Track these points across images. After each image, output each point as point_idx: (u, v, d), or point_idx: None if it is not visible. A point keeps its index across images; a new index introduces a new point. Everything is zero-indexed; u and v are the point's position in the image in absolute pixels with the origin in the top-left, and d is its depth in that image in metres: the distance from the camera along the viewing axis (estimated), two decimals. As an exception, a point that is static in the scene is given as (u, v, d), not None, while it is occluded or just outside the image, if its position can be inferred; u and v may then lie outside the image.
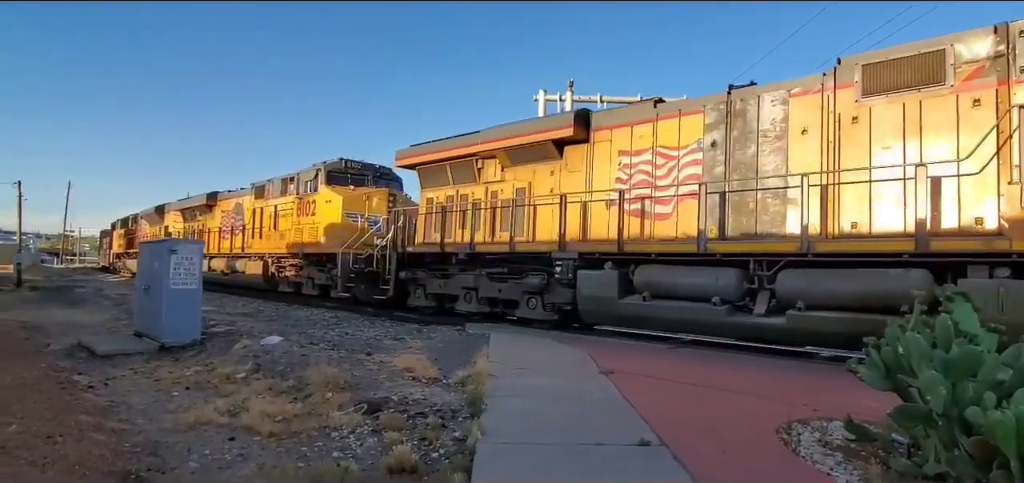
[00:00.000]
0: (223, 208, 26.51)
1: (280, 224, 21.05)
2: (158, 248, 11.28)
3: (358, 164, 19.65)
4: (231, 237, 25.02)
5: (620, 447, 4.08)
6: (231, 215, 25.59)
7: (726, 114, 9.89)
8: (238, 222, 24.63)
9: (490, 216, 13.72)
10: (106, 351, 9.39)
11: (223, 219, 26.33)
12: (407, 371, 7.35)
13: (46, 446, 4.43)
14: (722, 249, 9.37)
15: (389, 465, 4.19)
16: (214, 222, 27.12)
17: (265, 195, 22.46)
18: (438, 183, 15.29)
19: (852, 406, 4.63)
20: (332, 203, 18.48)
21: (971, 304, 3.99)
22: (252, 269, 22.37)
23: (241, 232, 24.09)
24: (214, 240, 26.36)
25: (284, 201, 21.02)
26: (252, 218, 23.11)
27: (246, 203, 24.06)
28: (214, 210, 27.27)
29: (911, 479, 3.52)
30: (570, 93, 22.88)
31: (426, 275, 15.01)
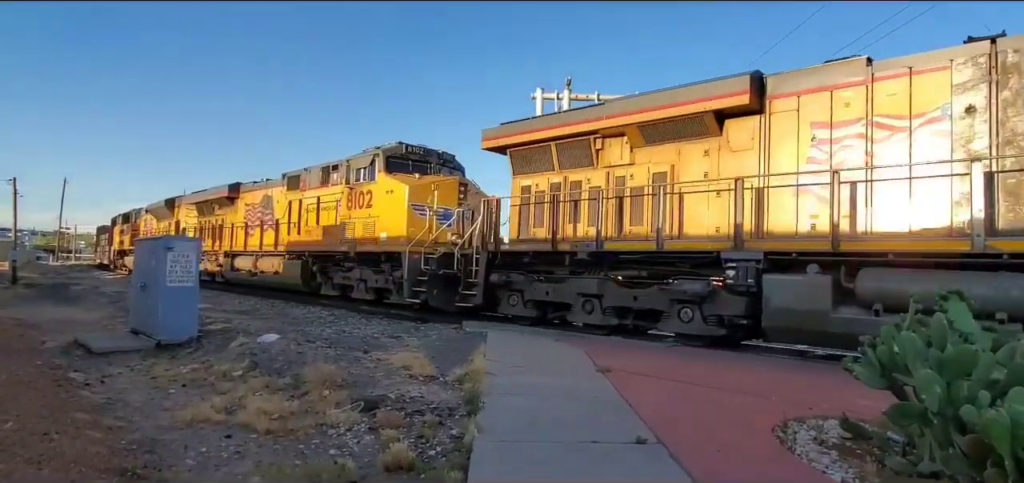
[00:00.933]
0: (247, 201, 23.66)
1: (323, 218, 18.38)
2: (155, 245, 11.24)
3: (419, 149, 16.83)
4: (260, 232, 22.01)
5: (616, 445, 4.09)
6: (258, 209, 22.71)
7: (989, 69, 7.76)
8: (267, 216, 21.81)
9: (615, 207, 11.44)
10: (102, 348, 9.37)
11: (248, 213, 23.45)
12: (404, 369, 7.35)
13: (42, 443, 4.41)
14: (1011, 247, 7.09)
15: (386, 463, 4.20)
16: (236, 216, 24.35)
17: (302, 186, 19.74)
18: (538, 167, 12.90)
19: (848, 405, 4.65)
20: (395, 194, 15.58)
21: (966, 302, 4.01)
22: (287, 269, 19.74)
23: (273, 227, 21.15)
24: (237, 236, 23.81)
25: (328, 192, 18.28)
26: (288, 211, 20.21)
27: (277, 195, 21.30)
28: (236, 203, 24.56)
29: (906, 477, 3.54)
30: (568, 91, 22.89)
31: (524, 279, 12.51)
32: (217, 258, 25.72)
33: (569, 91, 22.88)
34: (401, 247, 14.54)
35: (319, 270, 18.53)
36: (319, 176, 18.88)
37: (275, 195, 21.50)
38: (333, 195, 17.95)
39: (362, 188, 16.74)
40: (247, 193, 23.97)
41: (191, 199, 29.47)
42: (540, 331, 11.28)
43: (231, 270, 23.74)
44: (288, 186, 20.55)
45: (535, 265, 12.45)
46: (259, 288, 21.62)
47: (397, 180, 15.72)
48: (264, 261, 21.34)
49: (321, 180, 18.74)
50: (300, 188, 19.80)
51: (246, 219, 23.58)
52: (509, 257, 12.92)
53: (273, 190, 21.76)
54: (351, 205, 17.07)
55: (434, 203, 15.03)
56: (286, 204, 20.48)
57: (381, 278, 15.83)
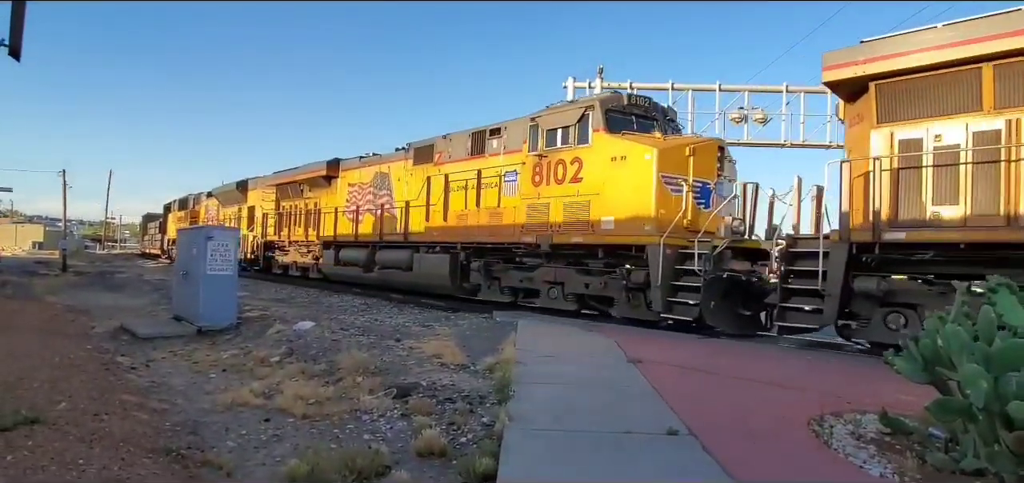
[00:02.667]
0: (350, 180, 19.39)
1: (484, 198, 13.79)
2: (196, 235, 11.62)
3: (643, 101, 12.30)
4: (378, 218, 17.61)
5: (648, 436, 4.07)
6: (367, 189, 18.48)
7: None
8: (383, 198, 17.57)
9: None
10: (147, 334, 9.76)
11: (352, 194, 19.15)
12: (435, 357, 7.45)
13: (93, 423, 4.63)
14: None
15: (418, 449, 4.28)
16: (335, 198, 20.01)
17: (438, 158, 15.44)
18: (936, 109, 7.67)
19: (885, 399, 4.53)
20: (632, 161, 10.70)
21: (1016, 296, 3.86)
22: (425, 265, 15.16)
23: (397, 211, 16.75)
24: (341, 223, 19.44)
25: (488, 164, 13.79)
26: (423, 191, 15.60)
27: (398, 171, 17.03)
28: (335, 184, 20.28)
29: (948, 474, 3.44)
30: (600, 80, 22.65)
31: (924, 289, 7.82)
32: (309, 249, 21.92)
33: (601, 79, 22.66)
34: (647, 237, 10.19)
35: (483, 267, 13.78)
36: (467, 144, 14.48)
37: (394, 171, 17.22)
38: (495, 168, 13.53)
39: (562, 155, 11.86)
40: (350, 171, 19.62)
41: (270, 181, 25.35)
42: (570, 320, 11.25)
43: (335, 264, 19.10)
44: (415, 159, 16.27)
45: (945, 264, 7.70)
46: (376, 288, 17.57)
47: (632, 141, 10.97)
48: (388, 254, 16.71)
49: (471, 149, 14.35)
50: (435, 161, 15.45)
51: (351, 202, 19.17)
52: (898, 251, 8.02)
53: (391, 165, 17.43)
54: (540, 179, 12.33)
55: (690, 174, 10.61)
56: (418, 182, 15.91)
57: (597, 281, 11.38)
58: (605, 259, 11.35)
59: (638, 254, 10.54)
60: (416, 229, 15.85)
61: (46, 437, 4.05)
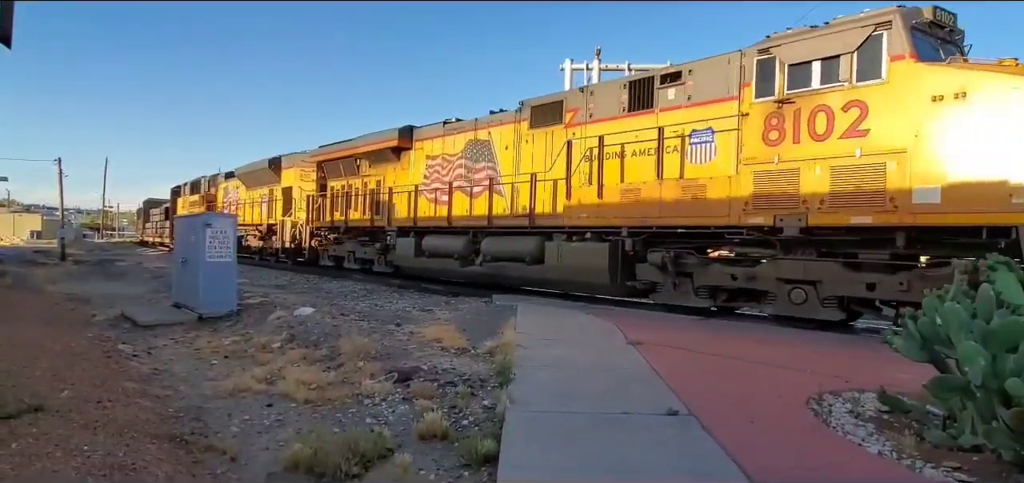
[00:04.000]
0: (430, 151, 15.88)
1: (641, 170, 10.56)
2: (194, 222, 11.60)
3: (948, 16, 8.57)
4: (475, 196, 14.20)
5: (649, 417, 4.10)
6: (455, 162, 15.00)
7: None
8: (481, 171, 14.11)
9: None
10: (148, 321, 9.78)
11: (433, 169, 15.68)
12: (436, 341, 7.48)
13: (97, 410, 4.65)
14: None
15: (421, 432, 4.31)
16: (409, 174, 16.49)
17: (571, 118, 11.90)
18: None
19: (885, 378, 4.57)
20: (978, 100, 7.16)
21: (1015, 274, 3.87)
22: (568, 255, 11.60)
23: (512, 188, 13.16)
24: (418, 204, 15.85)
25: (667, 121, 10.22)
26: (560, 157, 11.93)
27: (502, 136, 13.61)
28: (407, 157, 16.62)
29: (946, 451, 3.48)
30: (597, 61, 22.56)
31: None
32: (374, 237, 17.85)
33: (598, 61, 22.55)
34: (1017, 214, 6.78)
35: (667, 260, 10.06)
36: (622, 97, 10.99)
37: (498, 138, 13.76)
38: (674, 126, 10.09)
39: (824, 99, 8.32)
40: (428, 140, 16.03)
41: (312, 157, 21.30)
42: (570, 303, 11.28)
43: (417, 256, 15.60)
44: (533, 120, 12.81)
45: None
46: (481, 286, 13.82)
47: (980, 70, 7.53)
48: (499, 242, 13.21)
49: (631, 103, 10.86)
50: (567, 121, 11.98)
51: (431, 178, 15.68)
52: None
53: (492, 130, 13.99)
54: (780, 135, 8.75)
55: None
56: (543, 148, 12.53)
57: (892, 280, 7.84)
58: (905, 247, 7.73)
59: (982, 239, 6.94)
60: (546, 210, 12.22)
61: (50, 424, 4.07)
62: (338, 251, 20.03)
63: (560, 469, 3.22)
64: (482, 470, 3.66)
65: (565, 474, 3.17)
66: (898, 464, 3.40)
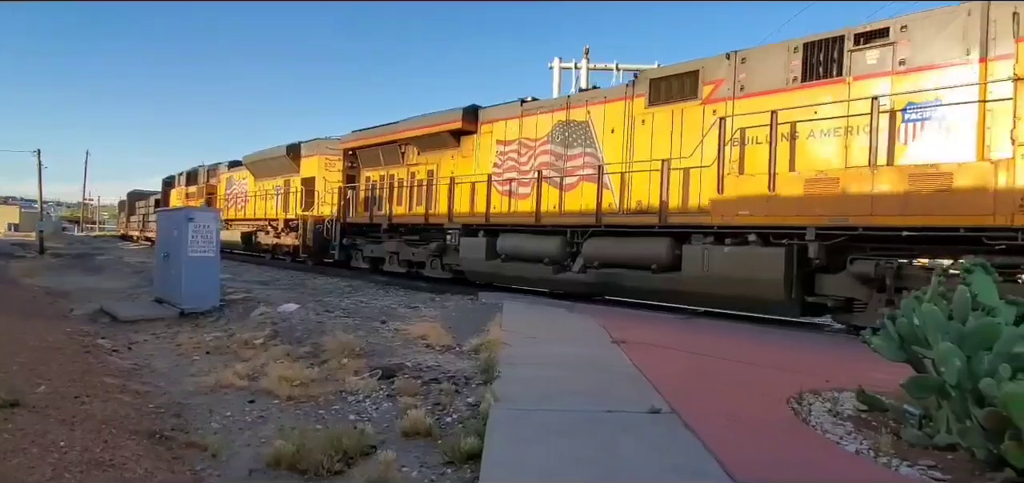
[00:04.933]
0: (502, 135, 13.41)
1: (828, 154, 8.48)
2: (176, 216, 11.46)
3: None
4: (567, 188, 11.93)
5: (631, 414, 4.13)
6: (538, 147, 12.56)
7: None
8: (577, 158, 11.80)
9: None
10: (128, 316, 9.65)
11: (506, 156, 13.26)
12: (421, 338, 7.47)
13: (74, 406, 4.59)
14: None
15: (404, 429, 4.30)
16: (474, 162, 14.03)
17: (712, 92, 9.82)
18: None
19: (864, 378, 4.64)
20: None
21: (991, 276, 3.95)
22: (720, 262, 9.22)
23: (623, 179, 10.88)
24: (491, 198, 13.26)
25: (865, 91, 8.13)
26: (711, 139, 9.55)
27: (606, 116, 11.37)
28: (471, 141, 14.22)
29: (921, 449, 3.54)
30: (586, 61, 22.64)
31: None
32: (428, 236, 15.38)
33: (587, 61, 22.62)
34: None
35: (891, 273, 7.81)
36: (791, 64, 8.89)
37: (601, 117, 11.46)
38: (885, 95, 7.96)
39: None
40: (498, 122, 13.56)
41: (342, 143, 18.93)
42: (556, 302, 11.31)
43: (491, 259, 13.09)
44: (652, 96, 10.63)
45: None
46: (581, 297, 11.38)
47: None
48: (613, 245, 10.84)
49: (807, 70, 8.74)
50: (705, 97, 9.90)
51: (505, 166, 13.26)
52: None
53: (592, 108, 11.68)
54: None
55: None
56: (664, 127, 10.40)
57: None
58: None
59: None
60: (677, 204, 10.01)
61: (27, 420, 4.01)
62: (376, 251, 17.28)
63: (543, 466, 3.23)
64: (465, 467, 3.66)
65: (548, 471, 3.18)
66: (875, 462, 3.45)
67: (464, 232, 13.86)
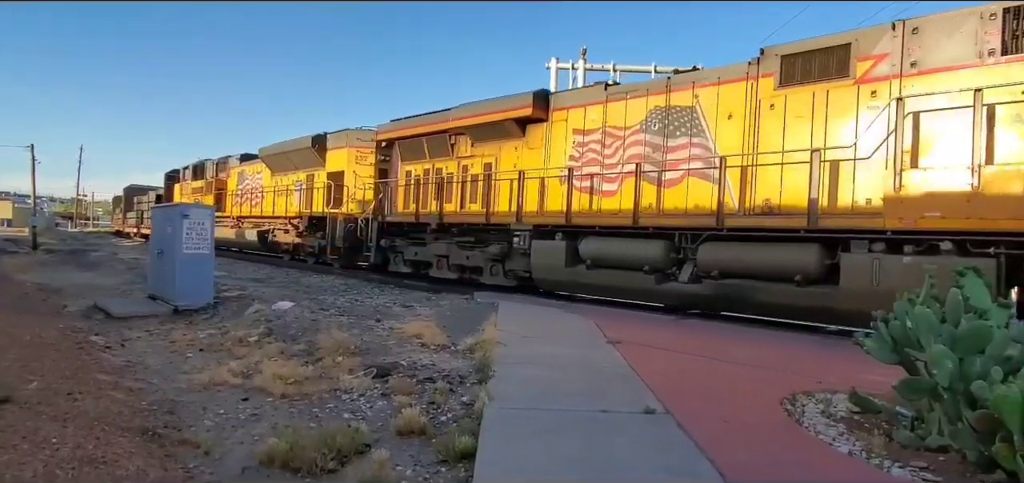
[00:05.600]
0: (580, 123, 11.79)
1: None
2: (170, 213, 11.40)
3: None
4: (656, 182, 10.43)
5: (625, 414, 4.14)
6: (628, 138, 11.01)
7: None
8: (674, 149, 10.34)
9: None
10: (121, 313, 9.59)
11: (584, 147, 11.65)
12: (416, 337, 7.45)
13: (66, 403, 4.56)
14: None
15: (399, 427, 4.29)
16: (546, 153, 12.32)
17: (863, 69, 8.30)
18: None
19: (857, 379, 4.66)
20: None
21: (982, 280, 3.98)
22: (909, 275, 6.97)
23: (733, 174, 9.40)
24: (570, 195, 11.52)
25: None
26: (846, 123, 8.37)
27: (721, 100, 9.78)
28: (539, 132, 12.53)
29: (913, 451, 3.56)
30: (583, 61, 22.65)
31: None
32: (481, 239, 13.69)
33: (584, 61, 22.64)
34: None
35: None
36: (972, 35, 7.53)
37: (709, 102, 9.94)
38: None
39: None
40: (577, 109, 11.94)
41: (378, 133, 17.45)
42: (551, 302, 11.33)
43: (571, 265, 11.46)
44: (783, 76, 9.04)
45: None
46: (686, 311, 10.25)
47: None
48: (736, 251, 9.22)
49: (994, 45, 7.40)
50: (853, 74, 8.35)
51: (582, 158, 11.66)
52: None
53: (697, 91, 10.12)
54: None
55: None
56: (791, 112, 8.92)
57: None
58: None
59: None
60: (828, 205, 8.35)
61: (18, 416, 3.98)
62: (422, 255, 15.46)
63: (537, 466, 3.24)
64: (459, 466, 3.66)
65: (542, 471, 3.18)
66: (867, 463, 3.47)
67: (536, 234, 12.12)
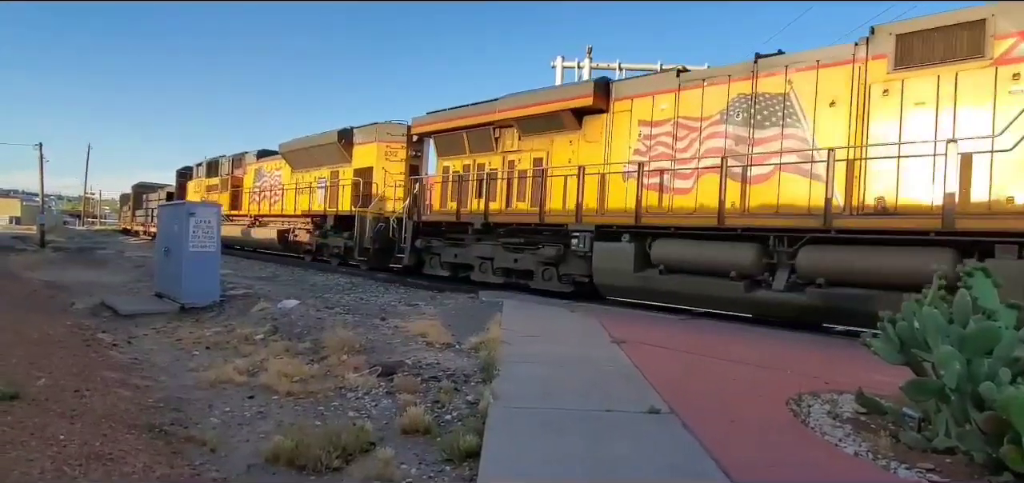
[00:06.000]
0: (646, 114, 10.76)
1: None
2: (177, 211, 11.46)
3: None
4: (740, 178, 9.44)
5: (630, 414, 4.13)
6: (705, 129, 10.01)
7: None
8: (763, 141, 9.35)
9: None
10: (129, 311, 9.65)
11: (655, 140, 10.62)
12: (421, 336, 7.46)
13: (74, 399, 4.59)
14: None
15: (403, 426, 4.30)
16: (607, 147, 11.32)
17: (1003, 48, 7.30)
18: None
19: (863, 380, 4.63)
20: None
21: (992, 280, 3.94)
22: None
23: (839, 168, 8.31)
24: (641, 191, 10.42)
25: None
26: (984, 111, 7.34)
27: (821, 86, 8.75)
28: (597, 123, 11.56)
29: (920, 452, 3.54)
30: (589, 60, 22.58)
31: None
32: (531, 241, 12.57)
33: (590, 60, 22.58)
34: None
35: None
36: None
37: (805, 88, 8.92)
38: None
39: None
40: (641, 98, 10.92)
41: (400, 128, 17.27)
42: (556, 301, 11.31)
43: (637, 268, 10.35)
44: (899, 56, 8.10)
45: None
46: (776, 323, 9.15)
47: None
48: (845, 256, 8.22)
49: None
50: (989, 53, 7.46)
51: (646, 153, 10.60)
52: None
53: (790, 76, 9.11)
54: None
55: None
56: (908, 98, 8.02)
57: None
58: None
59: None
60: (963, 205, 7.33)
61: (26, 413, 4.01)
62: (462, 257, 14.25)
63: (542, 465, 3.23)
64: (464, 465, 3.66)
65: (546, 470, 3.18)
66: (873, 465, 3.45)
67: (599, 236, 10.94)
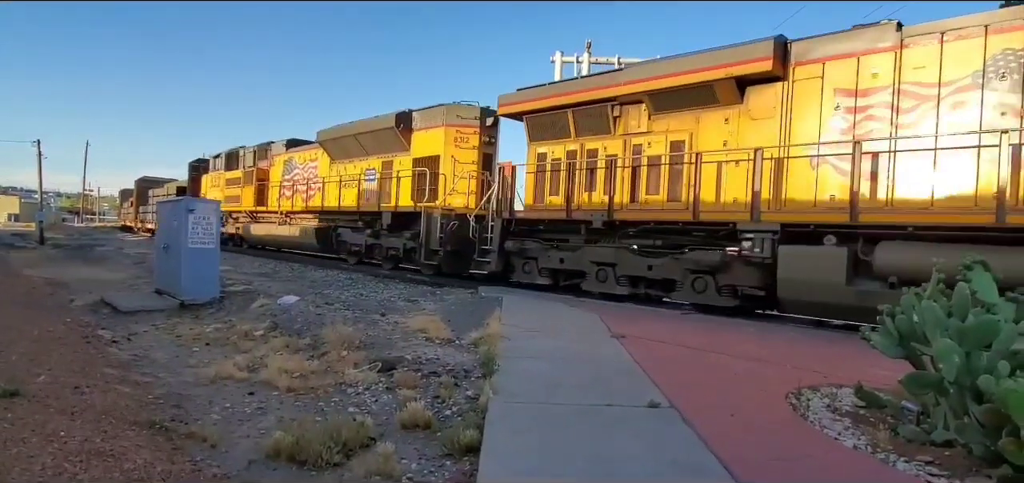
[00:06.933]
0: (846, 81, 8.58)
1: None
2: (177, 208, 11.44)
3: None
4: None
5: (630, 408, 4.14)
6: (948, 96, 7.77)
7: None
8: None
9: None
10: (128, 308, 9.65)
11: (865, 115, 8.43)
12: (421, 332, 7.47)
13: (74, 396, 4.59)
14: None
15: (403, 421, 4.31)
16: (785, 125, 9.19)
17: None
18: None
19: (862, 374, 4.64)
20: None
21: (990, 273, 3.95)
22: None
23: None
24: (858, 182, 8.06)
25: None
26: None
27: None
28: (763, 96, 9.46)
29: (918, 445, 3.55)
30: (588, 55, 22.55)
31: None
32: (669, 242, 10.35)
33: (589, 54, 22.55)
34: None
35: None
36: None
37: None
38: None
39: None
40: (837, 61, 8.77)
41: (473, 108, 15.12)
42: (555, 297, 11.31)
43: (849, 279, 8.12)
44: None
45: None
46: None
47: None
48: None
49: None
50: None
51: (846, 131, 8.59)
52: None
53: None
54: None
55: None
56: None
57: None
58: None
59: None
60: None
61: (26, 409, 4.01)
62: (571, 262, 11.86)
63: (542, 459, 3.24)
64: (464, 460, 3.67)
65: (547, 464, 3.19)
66: (872, 458, 3.46)
67: (784, 237, 8.71)
